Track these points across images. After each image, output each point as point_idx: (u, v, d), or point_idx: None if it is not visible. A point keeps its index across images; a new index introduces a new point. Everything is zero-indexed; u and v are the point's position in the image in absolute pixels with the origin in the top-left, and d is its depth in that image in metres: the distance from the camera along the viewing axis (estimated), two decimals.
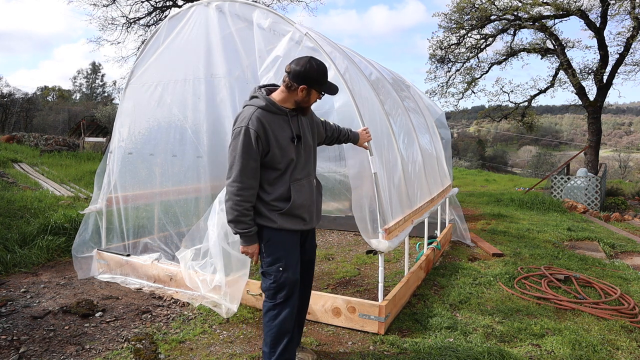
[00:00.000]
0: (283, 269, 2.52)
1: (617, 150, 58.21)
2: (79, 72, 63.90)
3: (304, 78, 2.46)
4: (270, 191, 2.52)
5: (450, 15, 15.44)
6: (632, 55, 13.96)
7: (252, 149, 2.42)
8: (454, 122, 65.14)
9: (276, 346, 2.52)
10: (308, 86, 2.49)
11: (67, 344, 3.11)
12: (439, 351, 3.03)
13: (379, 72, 5.11)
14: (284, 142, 2.51)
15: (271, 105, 2.50)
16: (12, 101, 40.39)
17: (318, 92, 2.56)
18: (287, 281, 2.52)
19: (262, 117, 2.46)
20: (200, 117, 4.34)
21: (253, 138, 2.41)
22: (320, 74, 2.50)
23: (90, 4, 14.48)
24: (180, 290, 4.09)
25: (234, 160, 2.44)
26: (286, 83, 2.52)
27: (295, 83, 2.48)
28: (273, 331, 2.52)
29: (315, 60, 2.51)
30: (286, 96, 2.54)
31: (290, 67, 2.50)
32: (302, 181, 2.60)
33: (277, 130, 2.49)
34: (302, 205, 2.57)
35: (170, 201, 4.65)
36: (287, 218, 2.54)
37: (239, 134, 2.44)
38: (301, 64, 2.47)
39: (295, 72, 2.47)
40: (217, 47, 4.12)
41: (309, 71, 2.46)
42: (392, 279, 4.61)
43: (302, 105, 2.56)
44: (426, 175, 5.07)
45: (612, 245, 6.72)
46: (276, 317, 2.53)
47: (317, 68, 2.49)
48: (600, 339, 3.29)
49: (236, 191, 2.43)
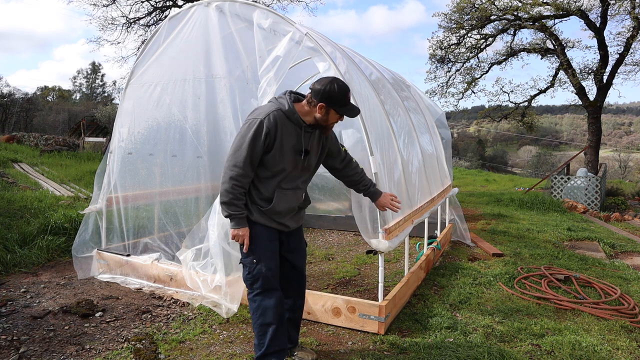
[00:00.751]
0: (256, 261, 2.62)
1: (617, 150, 58.23)
2: (79, 72, 64.02)
3: (324, 96, 2.52)
4: (257, 187, 2.62)
5: (450, 15, 15.44)
6: (632, 55, 13.98)
7: (259, 143, 2.51)
8: (454, 122, 65.15)
9: (263, 337, 2.62)
10: (326, 105, 2.54)
11: (67, 344, 3.11)
12: (439, 351, 3.03)
13: (380, 72, 5.11)
14: (286, 149, 2.58)
15: (292, 113, 2.57)
16: (12, 101, 40.38)
17: (337, 112, 2.59)
18: (260, 273, 2.62)
19: (279, 118, 2.54)
20: (201, 117, 4.34)
21: (264, 133, 2.50)
22: (340, 95, 2.54)
23: (90, 4, 14.49)
24: (180, 290, 4.09)
25: (240, 146, 2.51)
26: (308, 98, 2.60)
27: (315, 100, 2.55)
28: (257, 322, 2.63)
29: (338, 81, 2.56)
30: (308, 110, 2.61)
31: (314, 84, 2.58)
32: (288, 191, 2.67)
33: (285, 135, 2.56)
34: (281, 212, 2.66)
35: (170, 201, 4.65)
36: (264, 216, 2.63)
37: (253, 124, 2.52)
38: (323, 82, 2.54)
39: (316, 90, 2.54)
40: (217, 47, 4.12)
41: (329, 91, 2.51)
42: (392, 279, 4.61)
43: (321, 123, 2.61)
44: (426, 175, 5.07)
45: (612, 245, 6.72)
46: (258, 308, 2.64)
47: (338, 89, 2.53)
48: (600, 339, 3.29)
49: (236, 176, 2.51)
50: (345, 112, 2.59)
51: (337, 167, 2.92)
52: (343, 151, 2.92)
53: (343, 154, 2.91)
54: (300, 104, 2.62)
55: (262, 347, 2.61)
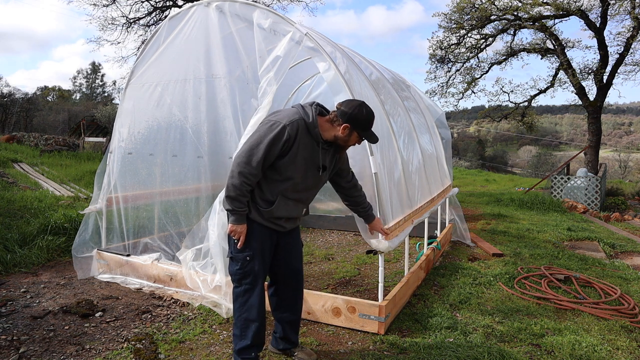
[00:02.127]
0: (250, 258, 2.62)
1: (617, 150, 58.21)
2: (79, 72, 63.93)
3: (351, 119, 2.57)
4: (261, 188, 2.61)
5: (450, 15, 15.44)
6: (632, 55, 13.98)
7: (277, 147, 2.50)
8: (454, 122, 65.18)
9: (246, 330, 2.65)
10: (351, 127, 2.58)
11: (67, 344, 3.11)
12: (439, 351, 3.03)
13: (380, 72, 5.11)
14: (299, 159, 2.57)
15: (314, 127, 2.58)
16: (12, 101, 40.37)
17: (359, 136, 2.63)
18: (252, 270, 2.63)
19: (301, 128, 2.55)
20: (201, 117, 4.34)
21: (284, 139, 2.49)
22: (366, 121, 2.61)
23: (90, 4, 14.47)
24: (181, 290, 4.09)
25: (257, 145, 2.50)
26: (332, 116, 2.62)
27: (341, 120, 2.58)
28: (242, 318, 2.64)
29: (367, 107, 2.63)
30: (329, 127, 2.63)
31: (341, 105, 2.62)
32: (290, 201, 2.67)
33: (302, 147, 2.57)
34: (280, 217, 2.67)
35: (170, 201, 4.65)
36: (262, 216, 2.63)
37: (275, 127, 2.51)
38: (352, 105, 2.59)
39: (343, 112, 2.58)
40: (217, 47, 4.12)
41: (357, 114, 2.58)
42: (392, 279, 4.61)
43: (340, 143, 2.65)
44: (426, 175, 5.07)
45: (612, 245, 6.72)
46: (244, 304, 2.64)
47: (366, 114, 2.59)
48: (600, 339, 3.29)
49: (247, 173, 2.50)
50: (368, 137, 2.66)
51: (342, 186, 2.95)
52: (351, 173, 2.97)
53: (350, 176, 2.96)
54: (323, 119, 2.64)
55: (244, 339, 2.64)
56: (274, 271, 2.83)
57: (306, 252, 5.72)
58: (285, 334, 2.90)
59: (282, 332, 2.90)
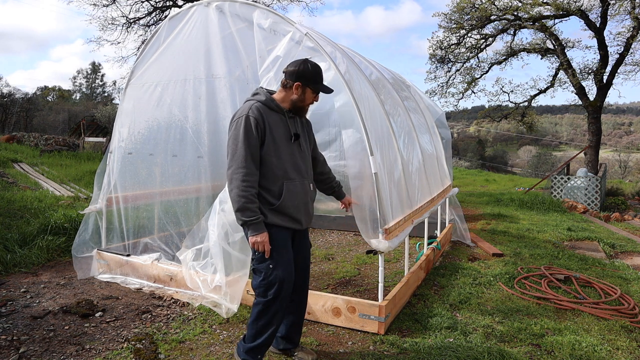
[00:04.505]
0: (273, 266, 2.56)
1: (617, 150, 58.21)
2: (79, 72, 63.97)
3: (299, 76, 2.62)
4: (263, 186, 2.59)
5: (450, 15, 15.44)
6: (632, 55, 13.97)
7: (253, 136, 2.52)
8: (454, 122, 65.17)
9: (263, 332, 2.61)
10: (302, 84, 2.63)
11: (67, 344, 3.11)
12: (439, 351, 3.03)
13: (380, 72, 5.11)
14: (278, 138, 2.60)
15: (271, 101, 2.64)
16: (12, 101, 40.37)
17: (313, 91, 2.68)
18: (277, 279, 2.55)
19: (261, 109, 2.59)
20: (201, 117, 4.34)
21: (253, 125, 2.52)
22: (314, 73, 2.66)
23: (90, 4, 14.46)
24: (181, 290, 4.09)
25: (236, 148, 2.51)
26: (283, 82, 2.68)
27: (291, 81, 2.63)
28: (260, 323, 2.59)
29: (310, 61, 2.70)
30: (284, 95, 2.69)
31: (287, 67, 2.67)
32: (296, 182, 2.65)
33: (273, 125, 2.60)
34: (292, 205, 2.63)
35: (170, 201, 4.65)
36: (278, 215, 2.60)
37: (240, 122, 2.54)
38: (296, 64, 2.66)
39: (290, 71, 2.64)
40: (217, 47, 4.12)
41: (304, 70, 2.63)
42: (392, 279, 4.61)
43: (298, 104, 2.69)
44: (426, 175, 5.07)
45: (612, 245, 6.72)
46: (266, 314, 2.58)
47: (312, 68, 2.67)
48: (600, 339, 3.29)
49: (243, 177, 2.47)
50: (321, 89, 2.71)
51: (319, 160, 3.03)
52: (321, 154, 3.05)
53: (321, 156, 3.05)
54: (277, 93, 2.70)
55: (259, 338, 2.61)
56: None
57: None
58: (288, 334, 2.89)
59: (286, 332, 2.89)
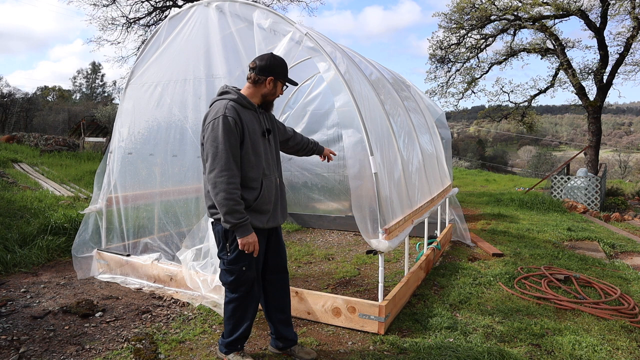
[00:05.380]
0: (246, 268, 2.63)
1: (617, 150, 58.20)
2: (79, 72, 63.97)
3: (271, 70, 2.64)
4: (244, 184, 2.59)
5: (450, 15, 15.43)
6: (632, 55, 13.96)
7: (233, 136, 2.49)
8: (454, 122, 65.21)
9: (238, 328, 2.73)
10: (274, 78, 2.66)
11: (67, 344, 3.11)
12: (439, 351, 3.03)
13: (380, 72, 5.11)
14: (254, 135, 2.61)
15: (242, 98, 2.62)
16: (12, 101, 40.38)
17: (282, 84, 2.73)
18: (248, 278, 2.66)
19: (235, 107, 2.57)
20: (201, 117, 4.32)
21: (232, 124, 2.49)
22: (283, 67, 2.70)
23: (90, 4, 14.46)
24: (180, 290, 4.09)
25: (217, 151, 2.46)
26: (252, 78, 2.66)
27: (263, 76, 2.64)
28: (235, 316, 2.70)
29: (276, 55, 2.74)
30: (253, 91, 2.69)
31: (255, 63, 2.66)
32: (270, 177, 2.69)
33: (248, 123, 2.60)
34: (269, 201, 2.67)
35: (170, 201, 4.65)
36: (255, 215, 2.61)
37: (217, 124, 2.48)
38: (265, 58, 2.66)
39: (261, 67, 2.64)
40: (217, 47, 4.12)
41: (274, 64, 2.65)
42: (392, 279, 4.61)
43: (268, 98, 2.71)
44: (426, 175, 5.07)
45: (612, 245, 6.72)
46: (239, 308, 2.70)
47: (281, 61, 2.69)
48: (600, 339, 3.29)
49: (227, 179, 2.45)
50: (289, 81, 2.76)
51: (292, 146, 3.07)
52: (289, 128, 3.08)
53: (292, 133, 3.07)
54: (244, 89, 2.70)
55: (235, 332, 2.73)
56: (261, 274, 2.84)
57: (306, 252, 5.72)
58: (280, 334, 2.92)
59: (277, 331, 2.92)
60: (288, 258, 5.40)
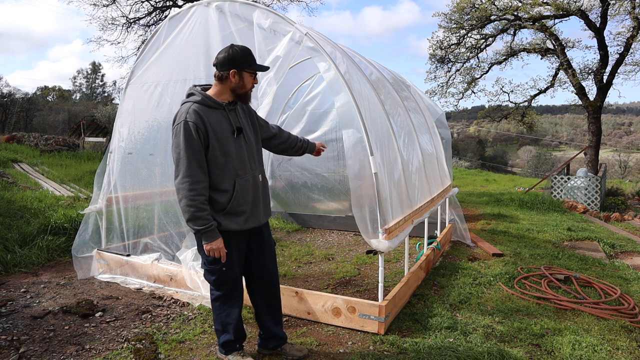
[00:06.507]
0: (226, 269, 2.62)
1: (617, 150, 58.20)
2: (79, 72, 64.01)
3: (231, 62, 2.52)
4: (215, 188, 2.54)
5: (450, 15, 15.43)
6: (632, 55, 13.96)
7: (195, 142, 2.44)
8: (454, 122, 65.20)
9: (227, 327, 2.74)
10: (238, 69, 2.54)
11: (67, 344, 3.11)
12: (439, 351, 3.03)
13: (379, 72, 5.11)
14: (222, 136, 2.52)
15: (207, 99, 2.54)
16: (12, 101, 40.39)
17: (250, 73, 2.60)
18: (230, 278, 2.66)
19: (199, 110, 2.50)
20: None
21: (193, 130, 2.44)
22: (245, 55, 2.57)
23: (90, 4, 14.45)
24: (180, 290, 4.09)
25: (179, 157, 2.45)
26: (217, 75, 2.58)
27: (225, 70, 2.54)
28: (221, 317, 2.72)
29: (237, 45, 2.59)
30: (220, 88, 2.59)
31: (216, 60, 2.57)
32: (246, 177, 2.62)
33: (215, 123, 2.52)
34: (245, 202, 2.60)
35: (170, 201, 4.65)
36: (231, 217, 2.57)
37: (179, 130, 2.46)
38: (224, 51, 2.56)
39: (221, 61, 2.54)
40: (217, 47, 4.10)
41: (234, 55, 2.53)
42: (392, 279, 4.61)
43: (239, 91, 2.60)
44: (426, 175, 5.07)
45: (612, 245, 6.72)
46: (223, 306, 2.71)
47: (241, 51, 2.55)
48: (600, 339, 3.29)
49: (189, 186, 2.43)
50: (257, 69, 2.63)
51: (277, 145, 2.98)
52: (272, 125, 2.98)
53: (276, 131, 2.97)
54: (212, 88, 2.62)
55: (227, 333, 2.74)
56: (248, 274, 2.84)
57: (306, 252, 5.72)
58: (271, 332, 2.91)
59: (268, 332, 2.91)
60: (288, 258, 5.41)
